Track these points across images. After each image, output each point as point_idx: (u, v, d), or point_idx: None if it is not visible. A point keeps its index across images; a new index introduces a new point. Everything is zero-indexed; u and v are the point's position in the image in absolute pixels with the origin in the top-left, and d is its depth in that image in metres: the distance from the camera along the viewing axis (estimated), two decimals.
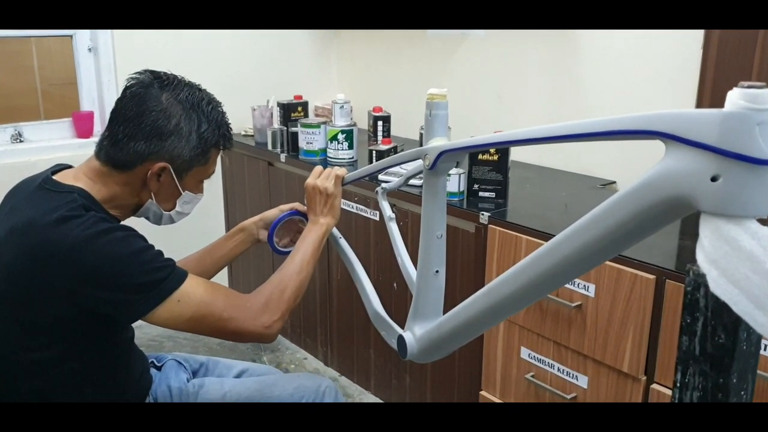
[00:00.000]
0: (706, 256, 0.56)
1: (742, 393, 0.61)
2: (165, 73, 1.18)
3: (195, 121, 1.15)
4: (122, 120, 1.13)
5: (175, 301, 1.07)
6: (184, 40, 2.63)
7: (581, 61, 2.11)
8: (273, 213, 1.41)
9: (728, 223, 0.54)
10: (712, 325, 0.59)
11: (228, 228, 2.88)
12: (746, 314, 0.54)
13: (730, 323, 0.58)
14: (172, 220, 1.24)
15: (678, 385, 0.64)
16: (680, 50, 1.85)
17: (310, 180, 1.34)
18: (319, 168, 1.36)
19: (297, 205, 1.42)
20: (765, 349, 1.22)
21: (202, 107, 1.17)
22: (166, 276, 1.07)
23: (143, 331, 2.80)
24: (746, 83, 0.53)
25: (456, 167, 1.01)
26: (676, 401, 0.64)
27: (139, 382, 1.27)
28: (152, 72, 1.17)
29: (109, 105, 1.17)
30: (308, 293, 2.51)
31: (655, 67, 1.93)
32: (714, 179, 0.54)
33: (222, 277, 2.92)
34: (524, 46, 2.25)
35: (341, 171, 1.35)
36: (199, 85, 1.21)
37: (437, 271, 1.09)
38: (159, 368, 1.36)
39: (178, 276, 1.08)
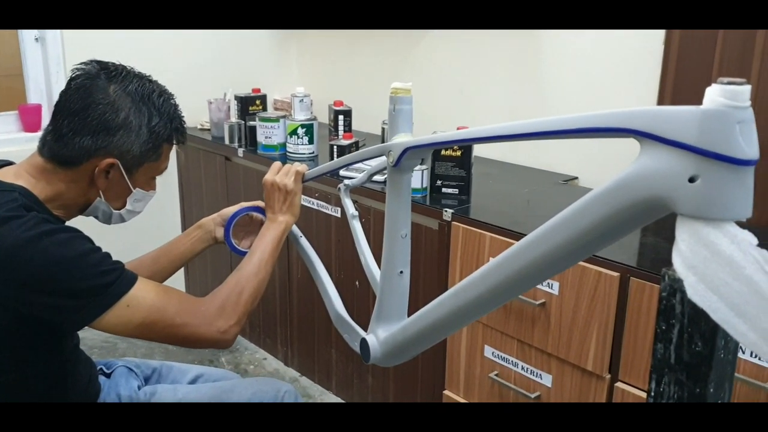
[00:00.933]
0: (684, 260, 0.53)
1: (719, 402, 0.58)
2: (113, 63, 1.12)
3: (145, 115, 1.09)
4: (67, 114, 1.06)
5: (124, 306, 1.01)
6: (139, 30, 2.54)
7: (543, 57, 2.10)
8: (232, 209, 1.35)
9: (707, 227, 0.52)
10: (689, 332, 0.57)
11: (184, 226, 2.80)
12: (725, 323, 0.51)
13: (707, 330, 0.55)
14: (122, 219, 1.18)
15: (653, 393, 0.62)
16: (642, 48, 1.84)
17: (269, 176, 1.29)
18: (278, 164, 1.31)
19: (260, 203, 1.36)
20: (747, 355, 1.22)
21: (152, 100, 1.10)
22: (114, 280, 1.01)
23: (95, 333, 2.70)
24: (726, 79, 0.50)
25: (420, 164, 0.98)
26: None
27: (87, 391, 1.20)
28: (99, 62, 1.10)
29: None
30: (268, 292, 2.45)
31: (617, 65, 1.92)
32: (692, 180, 0.52)
33: (178, 279, 2.84)
34: (487, 42, 2.23)
35: (301, 167, 1.30)
36: (149, 76, 1.15)
37: (401, 272, 1.05)
38: (108, 375, 1.29)
39: (127, 279, 1.02)
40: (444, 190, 1.78)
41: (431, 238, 1.74)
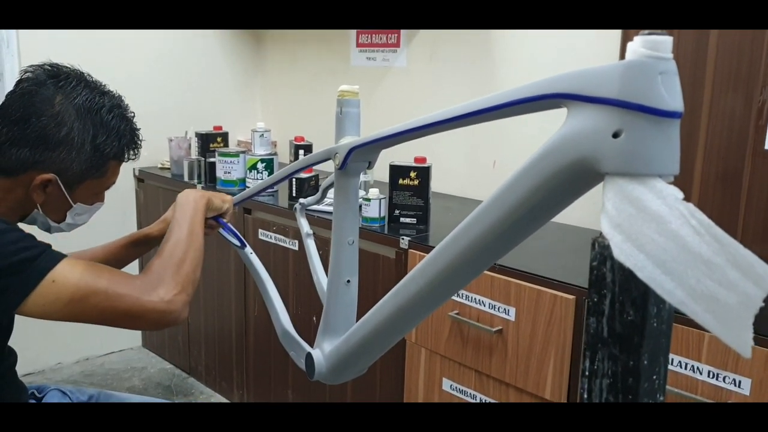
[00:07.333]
0: (610, 220, 0.52)
1: (655, 377, 0.56)
2: (66, 68, 1.07)
3: (90, 131, 1.04)
4: (7, 121, 1.02)
5: (49, 283, 0.93)
6: (100, 68, 2.52)
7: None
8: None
9: (632, 183, 0.51)
10: (620, 301, 0.55)
11: (141, 267, 2.72)
12: (652, 281, 0.49)
13: (639, 296, 0.53)
14: (63, 231, 1.13)
15: (587, 373, 0.59)
16: (599, 49, 1.82)
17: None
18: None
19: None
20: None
21: (101, 115, 1.05)
22: (37, 254, 0.94)
23: (60, 374, 2.59)
24: (647, 30, 0.50)
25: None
26: (585, 392, 0.59)
27: None
28: (52, 66, 1.06)
29: None
30: (223, 331, 2.38)
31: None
32: (616, 135, 0.51)
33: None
34: (446, 78, 2.26)
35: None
36: (104, 86, 1.11)
37: (349, 281, 1.02)
38: (40, 400, 1.21)
39: (52, 256, 0.96)
40: (402, 219, 1.77)
41: (388, 267, 1.71)
